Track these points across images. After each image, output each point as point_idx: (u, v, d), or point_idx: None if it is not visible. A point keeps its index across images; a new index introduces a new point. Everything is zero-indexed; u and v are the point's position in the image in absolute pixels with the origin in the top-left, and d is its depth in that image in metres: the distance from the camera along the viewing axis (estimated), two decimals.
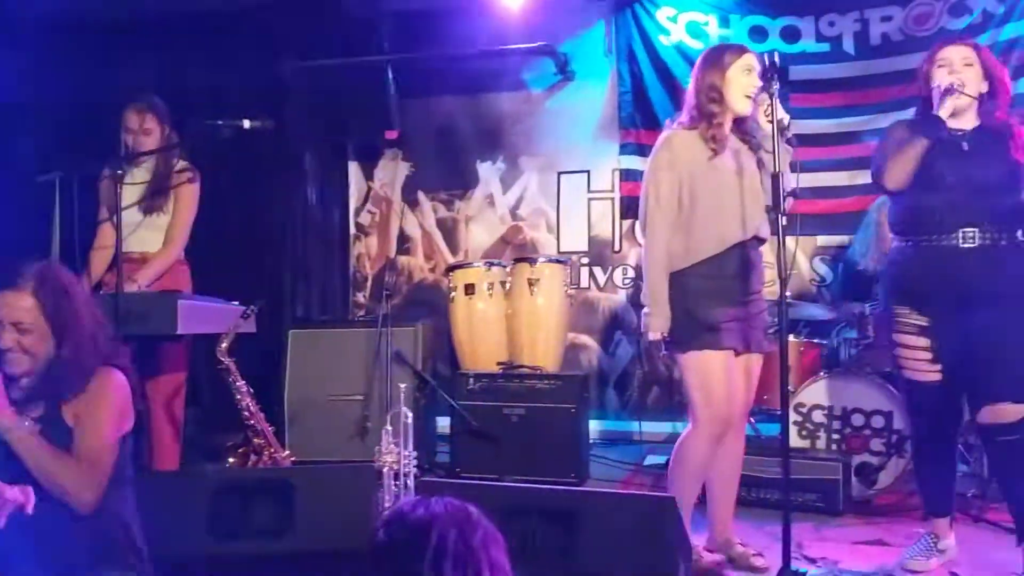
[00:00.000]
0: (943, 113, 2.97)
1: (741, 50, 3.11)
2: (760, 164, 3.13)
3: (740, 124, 3.13)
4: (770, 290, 3.46)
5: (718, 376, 3.02)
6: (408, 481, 3.14)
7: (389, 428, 3.21)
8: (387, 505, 3.04)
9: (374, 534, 1.29)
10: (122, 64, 5.46)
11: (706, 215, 3.04)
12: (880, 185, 3.15)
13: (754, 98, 3.02)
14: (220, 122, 3.64)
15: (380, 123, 6.02)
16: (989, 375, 2.98)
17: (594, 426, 5.69)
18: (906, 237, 3.14)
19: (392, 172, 6.42)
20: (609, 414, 6.01)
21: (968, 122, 3.08)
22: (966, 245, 2.98)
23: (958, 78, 2.98)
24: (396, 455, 3.14)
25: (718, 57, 3.08)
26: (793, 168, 4.64)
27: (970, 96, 2.99)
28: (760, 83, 2.95)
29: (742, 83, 3.03)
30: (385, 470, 3.14)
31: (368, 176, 6.48)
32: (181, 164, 3.99)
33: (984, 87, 3.03)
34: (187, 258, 4.04)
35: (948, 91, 2.96)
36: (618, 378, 6.03)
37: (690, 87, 3.13)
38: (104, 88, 5.00)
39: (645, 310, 3.09)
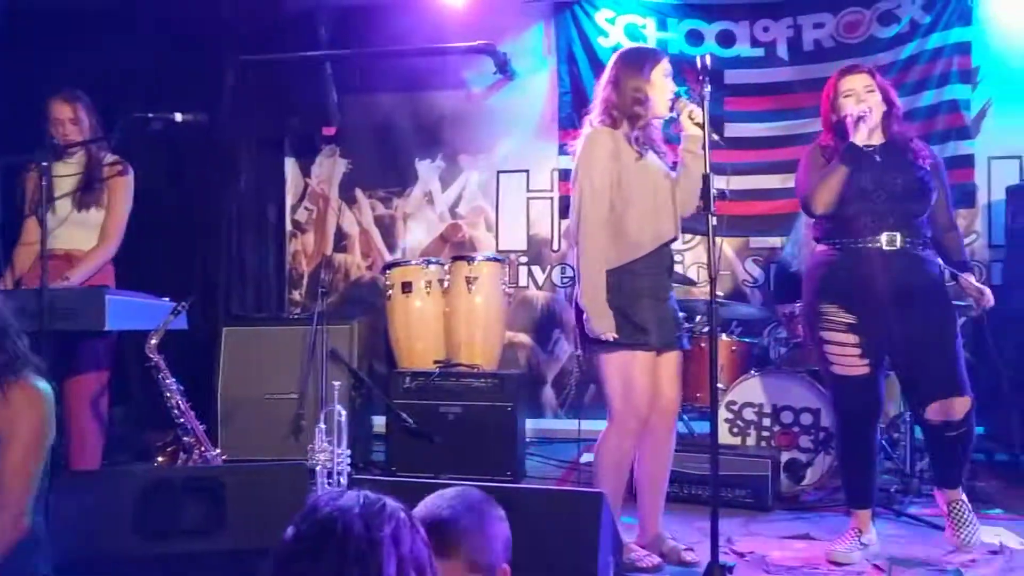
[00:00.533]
0: (858, 139, 3.17)
1: (660, 54, 3.23)
2: (673, 166, 3.23)
3: (646, 128, 3.19)
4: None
5: (641, 375, 3.07)
6: (342, 479, 3.13)
7: (323, 426, 3.19)
8: None
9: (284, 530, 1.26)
10: (51, 54, 5.31)
11: (641, 214, 3.08)
12: (809, 211, 3.30)
13: (672, 102, 3.11)
14: (151, 115, 3.56)
15: (318, 119, 5.98)
16: (930, 373, 3.19)
17: (531, 424, 5.71)
18: (832, 241, 3.30)
19: (330, 169, 6.36)
20: (547, 412, 6.06)
21: (876, 138, 3.29)
22: (889, 248, 3.19)
23: (866, 105, 3.20)
24: (329, 453, 3.13)
25: (640, 61, 3.15)
26: (721, 171, 4.79)
27: (875, 119, 3.24)
28: (675, 87, 3.10)
29: (664, 87, 3.12)
30: (318, 469, 3.12)
31: (305, 172, 6.41)
32: (110, 157, 3.90)
33: (883, 106, 3.27)
34: (117, 252, 3.94)
35: (861, 119, 3.17)
36: (556, 376, 6.07)
37: (607, 87, 3.16)
38: (30, 79, 4.86)
39: (585, 315, 3.08)
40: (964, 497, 3.31)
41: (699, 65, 2.86)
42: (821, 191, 3.19)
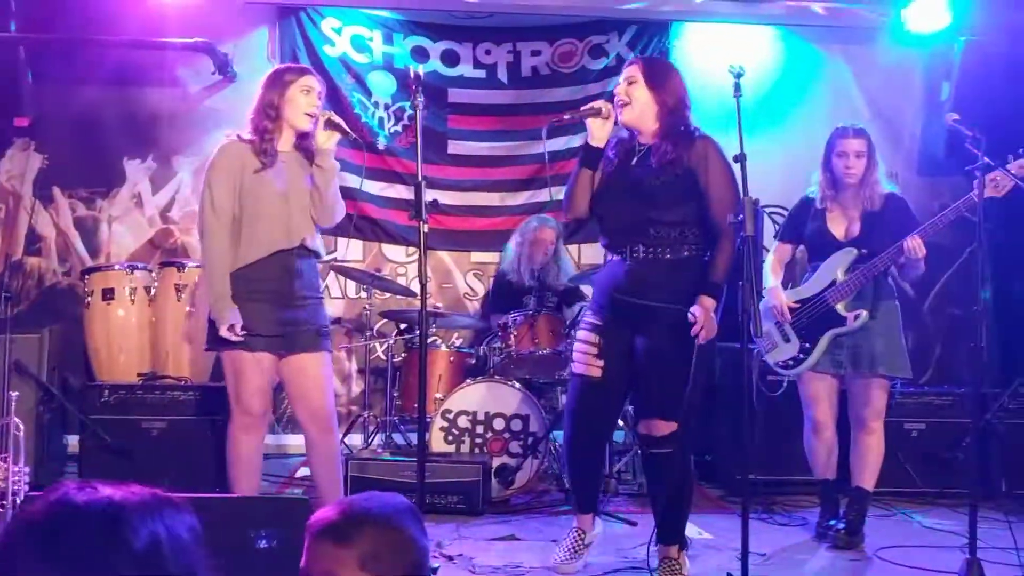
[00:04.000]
0: (590, 139, 3.18)
1: (302, 71, 3.37)
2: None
3: (302, 140, 3.34)
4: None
5: (248, 375, 3.26)
6: (17, 500, 2.82)
7: None
8: None
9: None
10: None
11: (253, 222, 3.23)
12: (567, 219, 3.39)
13: (314, 116, 3.25)
14: None
15: (9, 109, 5.40)
16: (647, 391, 3.12)
17: None
18: (606, 251, 3.26)
19: (22, 163, 5.75)
20: None
21: (646, 138, 3.16)
22: (632, 259, 3.09)
23: (605, 104, 3.18)
24: (3, 472, 2.81)
25: (279, 77, 3.31)
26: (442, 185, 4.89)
27: (615, 112, 3.14)
28: (319, 103, 3.28)
29: (300, 102, 3.27)
30: None
31: None
32: None
33: (652, 102, 3.10)
34: None
35: (589, 113, 3.16)
36: (273, 390, 5.88)
37: (253, 104, 3.30)
38: None
39: (212, 309, 3.25)
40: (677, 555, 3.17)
41: (411, 75, 2.92)
42: (567, 197, 3.25)
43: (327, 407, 3.37)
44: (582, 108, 3.26)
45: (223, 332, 3.17)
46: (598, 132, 3.17)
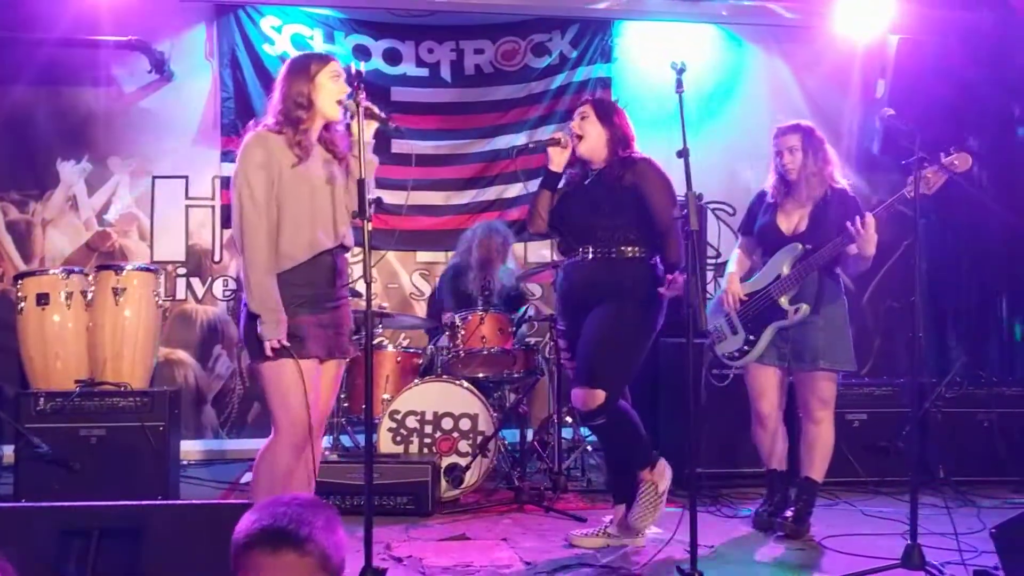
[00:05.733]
0: (550, 165, 3.64)
1: (325, 58, 3.13)
2: (347, 172, 3.17)
3: (325, 132, 3.11)
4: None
5: (297, 384, 2.96)
6: None
7: None
8: None
9: None
10: None
11: (295, 221, 2.99)
12: (530, 231, 3.88)
13: (343, 104, 3.05)
14: None
15: None
16: (577, 363, 3.49)
17: (190, 446, 5.41)
18: (562, 258, 3.78)
19: None
20: (206, 432, 5.75)
21: (597, 164, 3.62)
22: (583, 259, 3.56)
23: (564, 135, 3.66)
24: None
25: (304, 66, 3.07)
26: (402, 186, 4.89)
27: (571, 143, 3.61)
28: (348, 89, 3.01)
29: (331, 89, 3.04)
30: None
31: None
32: None
33: (602, 134, 3.58)
34: None
35: (550, 143, 3.65)
36: (217, 395, 5.79)
37: (275, 94, 3.07)
38: None
39: (259, 320, 2.92)
40: (617, 518, 3.59)
41: (352, 71, 2.89)
42: (529, 216, 3.76)
43: (329, 410, 3.26)
44: (545, 138, 3.77)
45: (271, 347, 2.90)
46: (557, 159, 3.64)
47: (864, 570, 3.12)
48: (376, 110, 3.02)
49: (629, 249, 3.48)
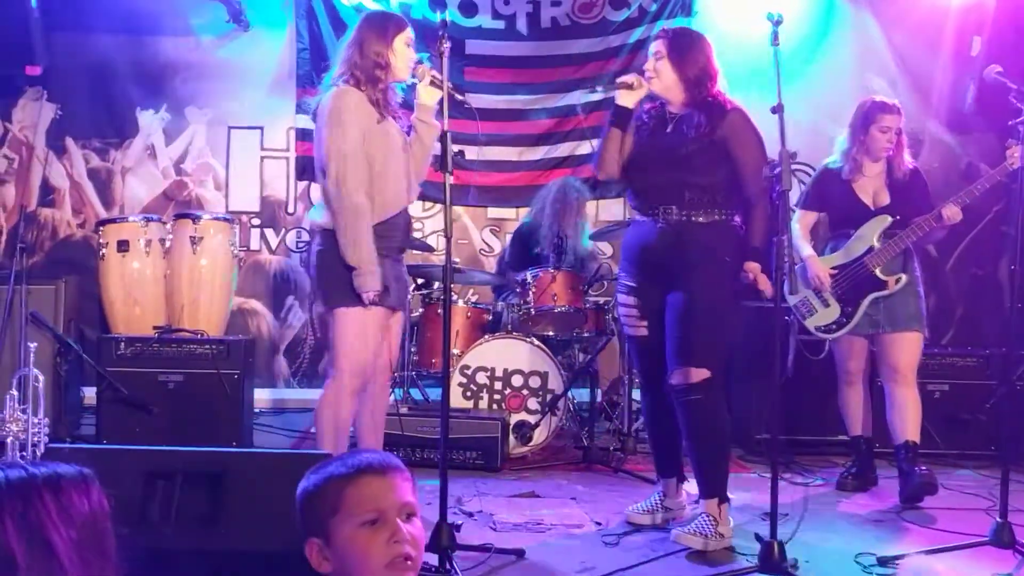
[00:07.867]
0: (618, 100, 3.24)
1: (402, 23, 3.18)
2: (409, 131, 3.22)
3: (386, 92, 3.17)
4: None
5: (370, 332, 3.07)
6: (37, 452, 2.80)
7: (15, 393, 2.84)
8: None
9: None
10: None
11: (384, 176, 3.05)
12: (599, 177, 3.47)
13: (414, 68, 3.12)
14: None
15: (20, 57, 5.30)
16: (681, 339, 3.11)
17: (263, 394, 5.49)
18: (634, 212, 3.36)
19: (35, 113, 5.69)
20: (278, 381, 5.84)
21: (677, 107, 3.22)
22: (665, 219, 3.15)
23: (636, 78, 3.23)
24: (23, 424, 2.79)
25: (383, 27, 3.13)
26: (473, 141, 4.81)
27: (646, 84, 3.20)
28: (416, 56, 3.11)
29: (406, 54, 3.12)
30: (9, 440, 2.77)
31: (5, 116, 5.70)
32: None
33: (675, 75, 3.15)
34: None
35: (621, 86, 3.24)
36: (289, 345, 5.87)
37: (350, 48, 3.11)
38: None
39: (355, 271, 2.97)
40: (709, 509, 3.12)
41: (438, 22, 2.85)
42: (599, 157, 3.33)
43: (396, 361, 3.38)
44: (616, 81, 3.34)
45: (368, 298, 2.99)
46: (627, 97, 3.26)
47: (951, 545, 3.03)
48: (440, 80, 2.99)
49: (717, 212, 3.14)
